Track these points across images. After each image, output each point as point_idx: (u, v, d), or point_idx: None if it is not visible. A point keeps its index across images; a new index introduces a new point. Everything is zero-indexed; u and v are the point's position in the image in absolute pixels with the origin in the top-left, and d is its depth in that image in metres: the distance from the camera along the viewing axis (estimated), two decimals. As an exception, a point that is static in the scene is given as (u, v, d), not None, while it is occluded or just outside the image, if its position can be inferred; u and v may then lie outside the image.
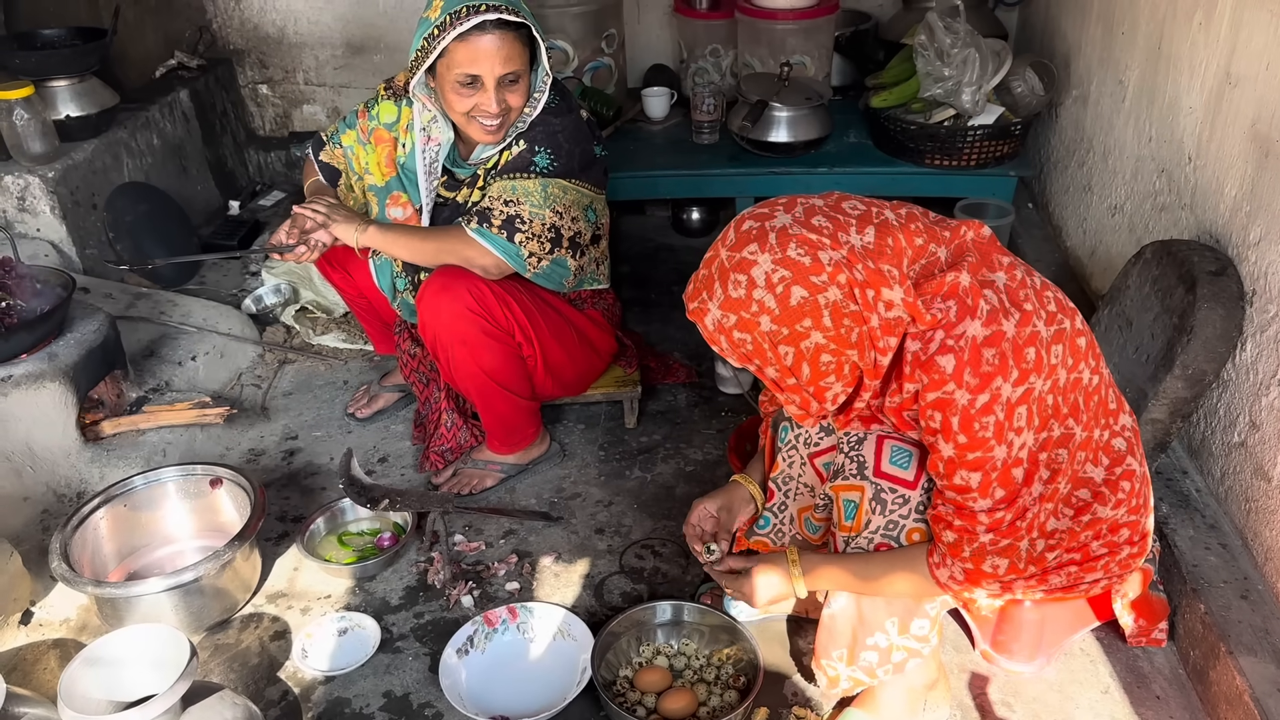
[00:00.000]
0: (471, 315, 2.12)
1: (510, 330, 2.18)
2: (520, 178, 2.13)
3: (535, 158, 2.13)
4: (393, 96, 2.30)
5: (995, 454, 1.36)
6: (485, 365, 2.19)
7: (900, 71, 3.23)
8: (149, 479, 2.18)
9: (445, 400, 2.44)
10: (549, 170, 2.14)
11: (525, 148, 2.15)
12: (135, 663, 1.60)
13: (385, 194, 2.33)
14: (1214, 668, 1.75)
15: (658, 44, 3.90)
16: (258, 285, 3.22)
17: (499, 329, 2.16)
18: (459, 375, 2.22)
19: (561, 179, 2.15)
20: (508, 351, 2.20)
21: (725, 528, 1.88)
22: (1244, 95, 1.98)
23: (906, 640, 1.63)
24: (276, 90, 4.10)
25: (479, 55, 1.99)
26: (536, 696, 1.84)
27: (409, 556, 2.22)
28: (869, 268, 1.32)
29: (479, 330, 2.14)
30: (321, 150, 2.40)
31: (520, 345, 2.22)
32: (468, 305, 2.11)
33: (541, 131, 2.15)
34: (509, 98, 2.07)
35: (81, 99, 3.08)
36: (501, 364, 2.21)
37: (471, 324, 2.13)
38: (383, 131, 2.32)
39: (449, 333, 2.14)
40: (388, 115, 2.31)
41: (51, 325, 2.34)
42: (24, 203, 2.91)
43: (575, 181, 2.17)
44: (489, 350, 2.17)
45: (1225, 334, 1.90)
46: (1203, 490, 2.07)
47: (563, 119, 2.17)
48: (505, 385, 2.25)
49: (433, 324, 2.15)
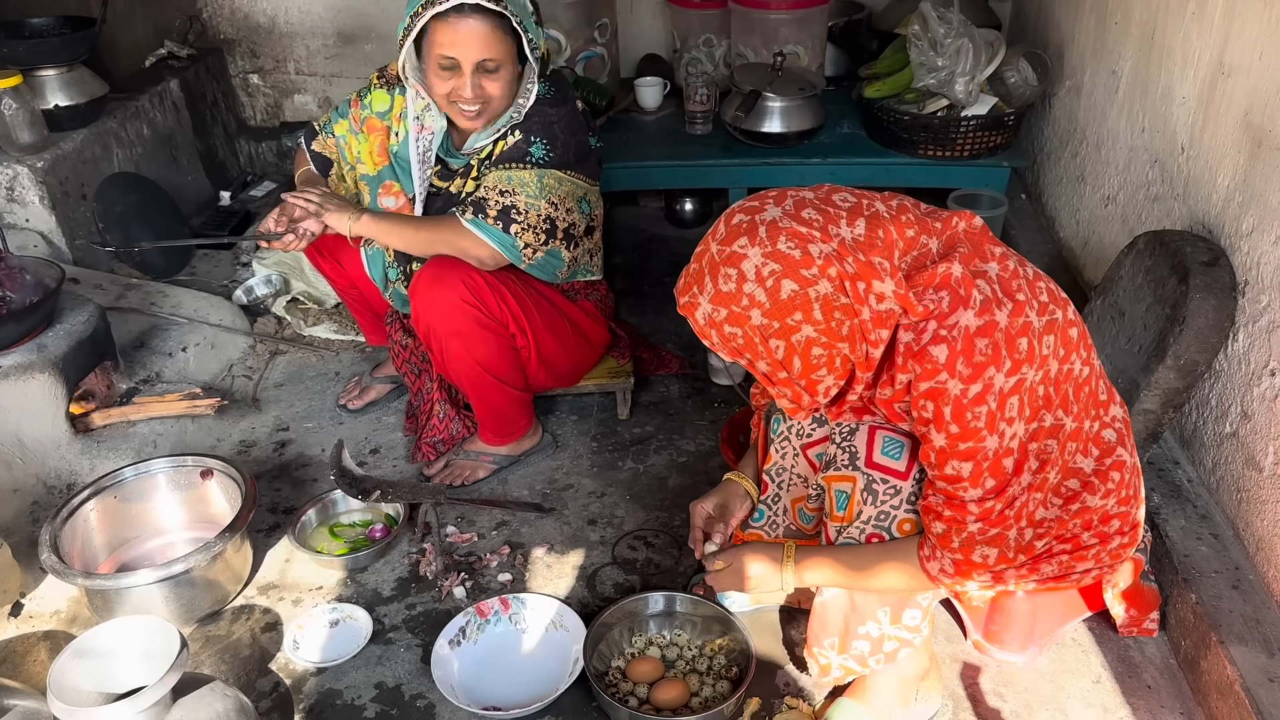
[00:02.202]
0: (466, 306, 2.11)
1: (504, 321, 2.17)
2: (515, 168, 2.12)
3: (531, 148, 2.12)
4: (385, 85, 2.30)
5: (987, 444, 1.36)
6: (479, 356, 2.18)
7: (894, 62, 3.22)
8: (139, 470, 2.17)
9: (438, 391, 2.43)
10: (544, 161, 2.13)
11: (521, 138, 2.14)
12: (125, 654, 1.59)
13: (377, 183, 2.32)
14: (1205, 657, 1.75)
15: (650, 34, 3.89)
16: (249, 276, 3.20)
17: (493, 320, 2.15)
18: (452, 366, 2.22)
19: (557, 170, 2.14)
20: (501, 343, 2.20)
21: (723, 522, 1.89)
22: (1237, 85, 1.98)
23: (898, 630, 1.63)
24: (267, 80, 4.08)
25: (457, 38, 2.00)
26: (529, 687, 1.84)
27: (401, 548, 2.21)
28: (860, 260, 1.32)
29: (473, 321, 2.13)
30: (314, 140, 2.38)
31: (514, 337, 2.22)
32: (462, 296, 2.10)
33: (538, 122, 2.14)
34: (487, 84, 2.07)
35: (70, 88, 3.06)
36: (495, 355, 2.20)
37: (466, 315, 2.12)
38: (375, 120, 2.31)
39: (443, 324, 2.13)
40: (380, 104, 2.30)
41: (41, 316, 2.33)
42: (13, 193, 2.90)
43: (570, 173, 2.17)
44: (482, 341, 2.17)
45: (1217, 324, 1.91)
46: (1194, 480, 2.07)
47: (558, 109, 2.16)
48: (499, 376, 2.24)
49: (426, 315, 2.14)
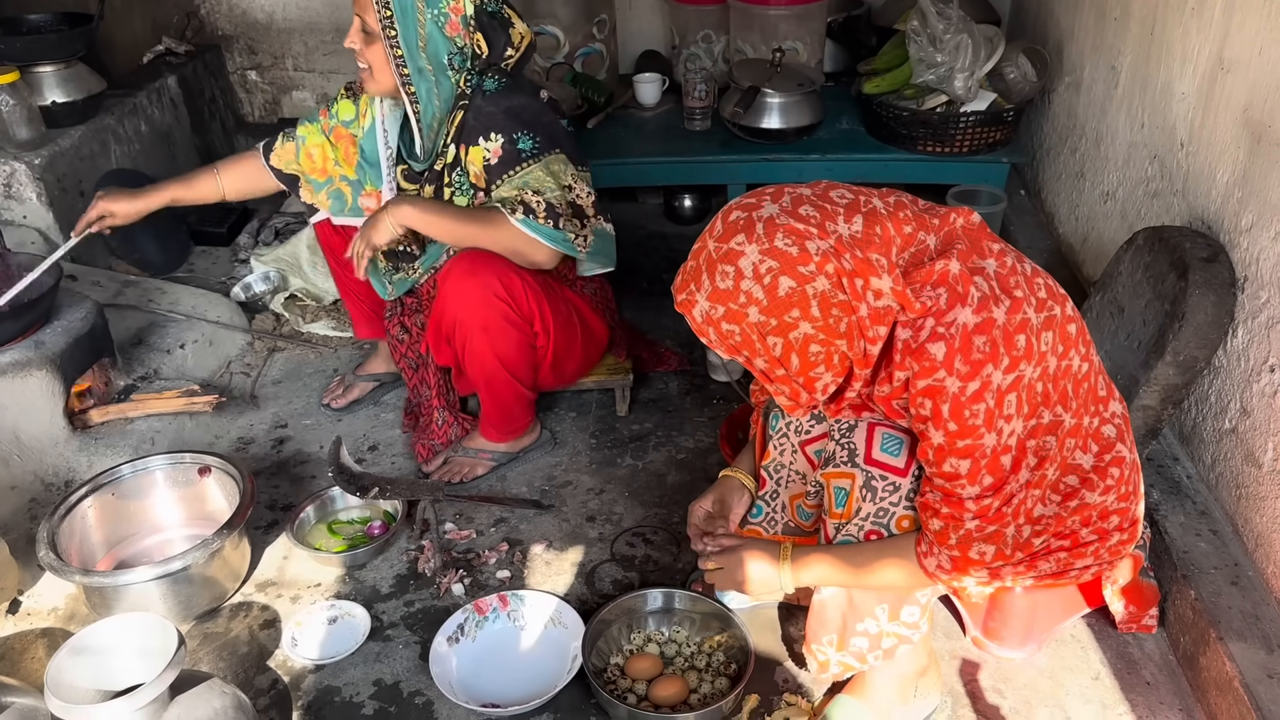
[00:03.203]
0: (497, 301, 2.10)
1: (530, 318, 2.17)
2: (522, 170, 2.11)
3: (519, 146, 2.11)
4: (351, 96, 2.35)
5: (985, 441, 1.36)
6: (500, 352, 2.18)
7: (893, 57, 3.21)
8: (137, 467, 2.17)
9: (437, 397, 2.43)
10: (536, 151, 2.11)
11: (503, 141, 2.11)
12: (123, 652, 1.59)
13: (359, 188, 2.37)
14: (1204, 654, 1.75)
15: (649, 29, 3.88)
16: (247, 273, 3.20)
17: (520, 317, 2.15)
18: (470, 361, 2.21)
19: (550, 153, 2.13)
20: (524, 339, 2.20)
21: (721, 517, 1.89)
22: (1236, 81, 1.97)
23: (897, 627, 1.62)
24: (265, 76, 4.08)
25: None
26: (527, 684, 1.84)
27: (399, 545, 2.21)
28: (857, 257, 1.32)
29: (501, 317, 2.12)
30: (271, 153, 2.41)
31: (537, 335, 2.22)
32: (495, 291, 2.09)
33: (505, 118, 2.12)
34: (362, 45, 2.10)
35: (68, 85, 3.06)
36: (515, 352, 2.20)
37: (496, 310, 2.11)
38: (342, 129, 2.36)
39: (472, 317, 2.12)
40: (346, 113, 2.35)
41: (38, 313, 2.33)
42: (10, 189, 2.89)
43: (559, 152, 2.15)
44: (505, 337, 2.16)
45: (1217, 320, 1.90)
46: (1193, 476, 2.07)
47: (516, 99, 2.15)
48: (514, 374, 2.24)
49: (454, 307, 2.12)
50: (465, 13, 2.09)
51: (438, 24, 2.06)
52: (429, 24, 2.05)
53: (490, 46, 2.14)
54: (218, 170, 2.43)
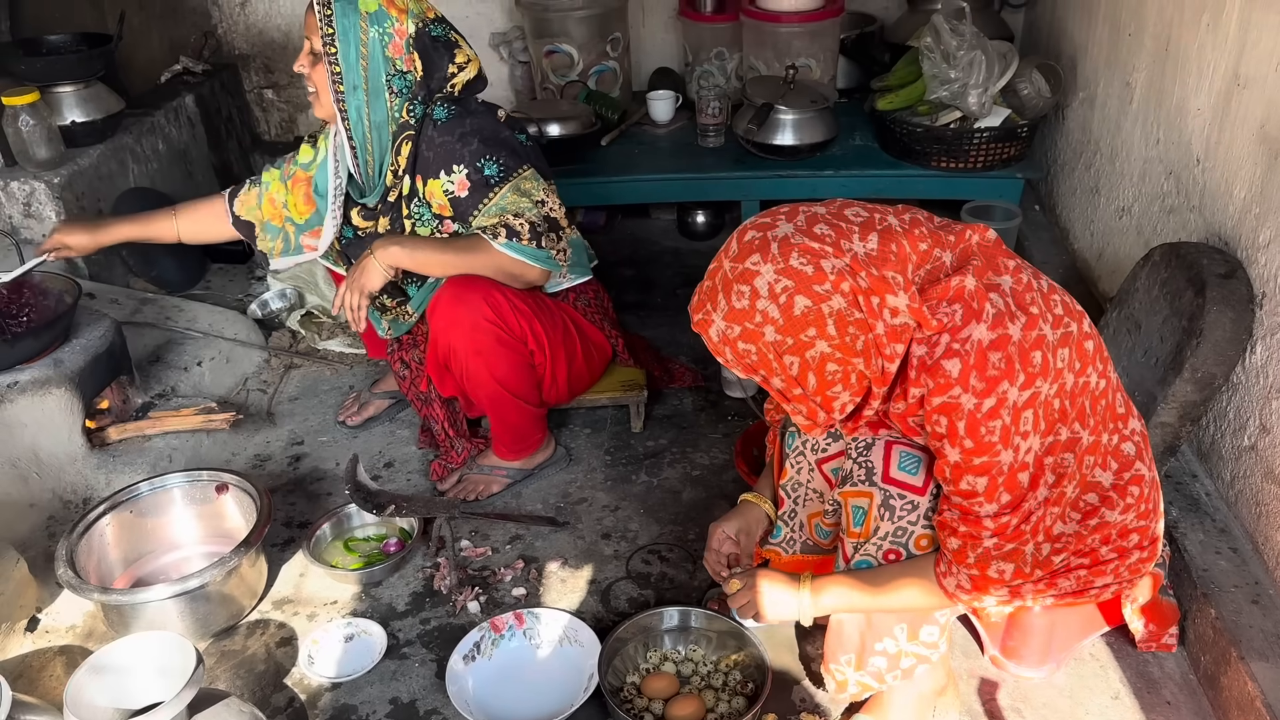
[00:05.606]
0: (488, 325, 2.12)
1: (523, 338, 2.18)
2: (495, 196, 2.11)
3: (485, 172, 2.10)
4: (311, 141, 2.38)
5: (1001, 458, 1.35)
6: (499, 374, 2.19)
7: (906, 74, 3.22)
8: (155, 485, 2.18)
9: (450, 427, 2.45)
10: (503, 173, 2.11)
11: (467, 171, 2.10)
12: (141, 670, 1.59)
13: (304, 229, 2.39)
14: (1225, 673, 1.73)
15: (663, 47, 3.90)
16: (263, 290, 3.21)
17: (513, 337, 2.16)
18: (472, 386, 2.22)
19: (517, 172, 2.12)
20: (520, 359, 2.20)
21: (746, 552, 1.86)
22: (1253, 97, 1.97)
23: (915, 646, 1.62)
24: (282, 95, 4.11)
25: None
26: (543, 703, 1.83)
27: (415, 562, 2.21)
28: (873, 275, 1.32)
29: (494, 340, 2.14)
30: (236, 199, 2.42)
31: (533, 354, 2.22)
32: (485, 315, 2.11)
33: (460, 147, 2.10)
34: (309, 68, 2.12)
35: (87, 105, 3.08)
36: (513, 372, 2.21)
37: (488, 334, 2.13)
38: (301, 173, 2.37)
39: (466, 344, 2.14)
40: (305, 157, 2.37)
41: (57, 331, 2.35)
42: (30, 209, 2.92)
43: (527, 168, 2.15)
44: (502, 359, 2.17)
45: (1235, 337, 1.89)
46: (1213, 494, 2.05)
47: (469, 122, 2.13)
48: (517, 394, 2.25)
49: (447, 335, 2.14)
50: (409, 34, 2.08)
51: (381, 43, 2.06)
52: (372, 42, 2.06)
53: (428, 69, 2.12)
54: (176, 213, 2.44)
